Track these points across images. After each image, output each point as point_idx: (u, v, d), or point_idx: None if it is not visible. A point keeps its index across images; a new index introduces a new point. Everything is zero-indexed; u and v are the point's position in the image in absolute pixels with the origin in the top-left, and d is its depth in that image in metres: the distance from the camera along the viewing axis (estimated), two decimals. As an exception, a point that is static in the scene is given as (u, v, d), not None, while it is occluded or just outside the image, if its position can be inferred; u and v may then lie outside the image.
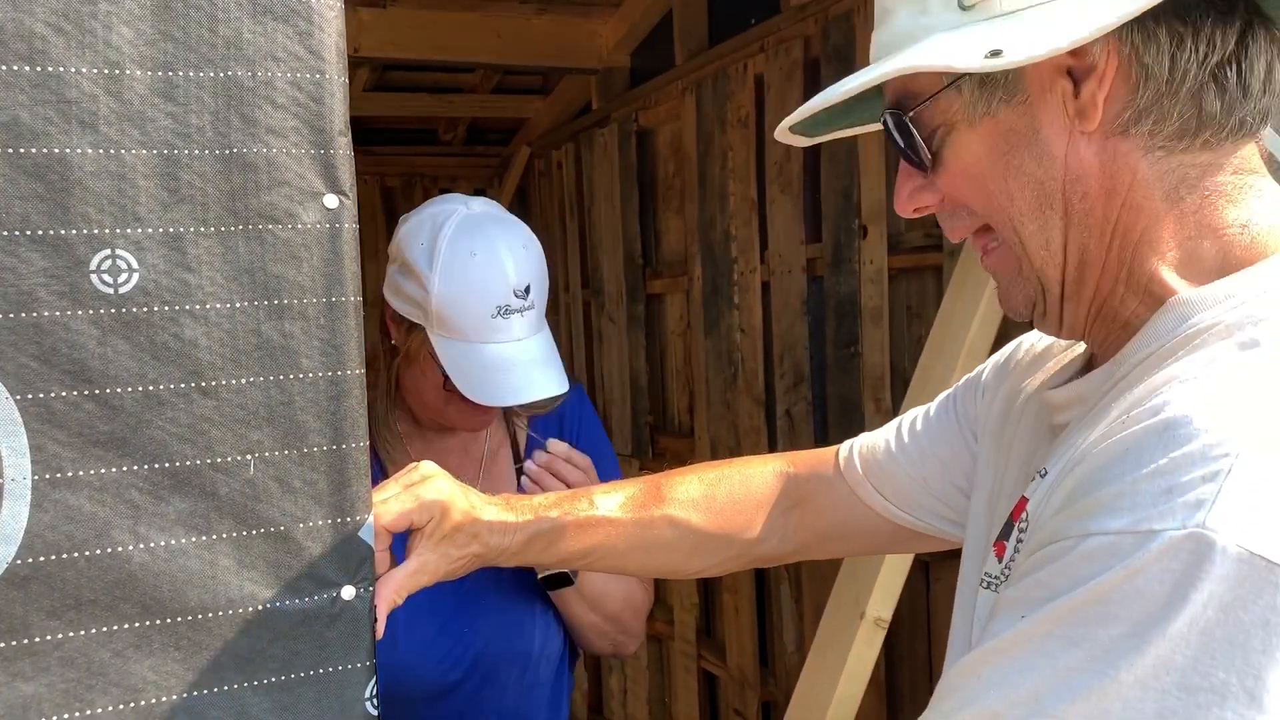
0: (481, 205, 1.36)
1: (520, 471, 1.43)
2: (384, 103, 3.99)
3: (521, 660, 1.41)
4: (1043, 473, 0.71)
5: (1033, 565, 0.61)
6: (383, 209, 4.90)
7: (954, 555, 2.34)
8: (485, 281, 1.28)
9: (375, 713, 0.87)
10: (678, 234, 3.27)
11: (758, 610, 2.92)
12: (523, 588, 1.41)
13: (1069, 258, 0.70)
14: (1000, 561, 0.74)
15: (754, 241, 2.77)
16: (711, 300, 3.00)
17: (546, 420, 1.49)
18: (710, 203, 2.95)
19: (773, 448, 2.78)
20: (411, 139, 4.70)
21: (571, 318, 4.00)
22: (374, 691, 0.87)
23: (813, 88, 2.50)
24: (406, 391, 1.42)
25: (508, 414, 1.48)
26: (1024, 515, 0.71)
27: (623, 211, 3.48)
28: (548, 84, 4.10)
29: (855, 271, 2.39)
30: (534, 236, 1.37)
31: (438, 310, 1.29)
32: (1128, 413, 0.61)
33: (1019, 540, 0.70)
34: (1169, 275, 0.69)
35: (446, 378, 1.31)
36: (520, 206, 4.74)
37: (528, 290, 1.30)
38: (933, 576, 2.29)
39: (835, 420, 2.53)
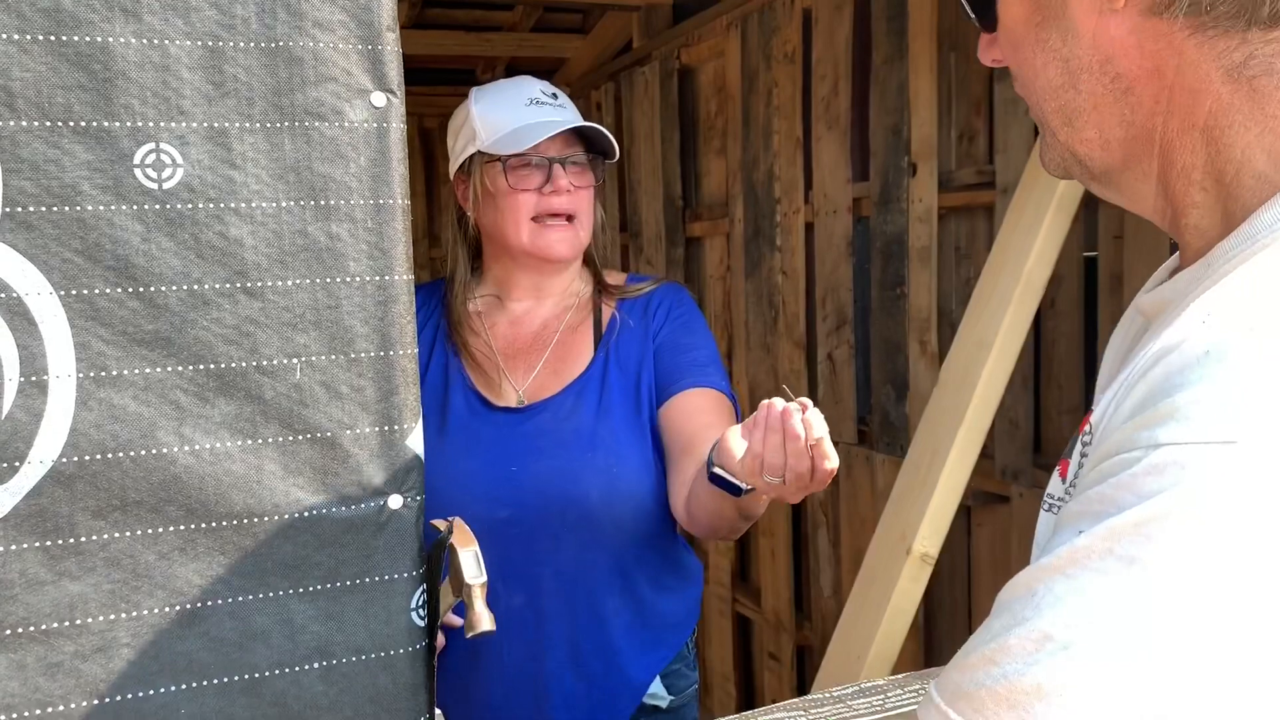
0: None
1: (599, 344, 1.50)
2: (422, 41, 3.94)
3: (576, 510, 1.40)
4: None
5: (1095, 478, 0.56)
6: (421, 151, 4.87)
7: (996, 500, 2.30)
8: (514, 89, 1.49)
9: (422, 623, 0.85)
10: (719, 175, 3.21)
11: (793, 554, 2.91)
12: (582, 439, 1.42)
13: (1110, 137, 0.66)
14: (1064, 481, 0.70)
15: (798, 181, 2.72)
16: (753, 242, 2.95)
17: (633, 303, 1.55)
18: (754, 141, 2.89)
19: (813, 391, 2.75)
20: (449, 79, 4.65)
21: (609, 261, 3.96)
22: (421, 601, 0.85)
23: (862, 21, 2.44)
24: (492, 247, 1.54)
25: (597, 294, 1.57)
26: (1088, 427, 0.66)
27: (663, 152, 3.43)
28: (587, 22, 4.03)
29: (903, 211, 2.34)
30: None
31: (480, 121, 1.47)
32: (1210, 311, 0.56)
33: (1083, 455, 0.66)
34: (1265, 164, 0.62)
35: (509, 180, 1.45)
36: (558, 149, 4.68)
37: (556, 96, 1.49)
38: (974, 521, 2.26)
39: (879, 364, 2.49)
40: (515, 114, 1.45)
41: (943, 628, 2.38)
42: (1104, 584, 0.52)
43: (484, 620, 0.98)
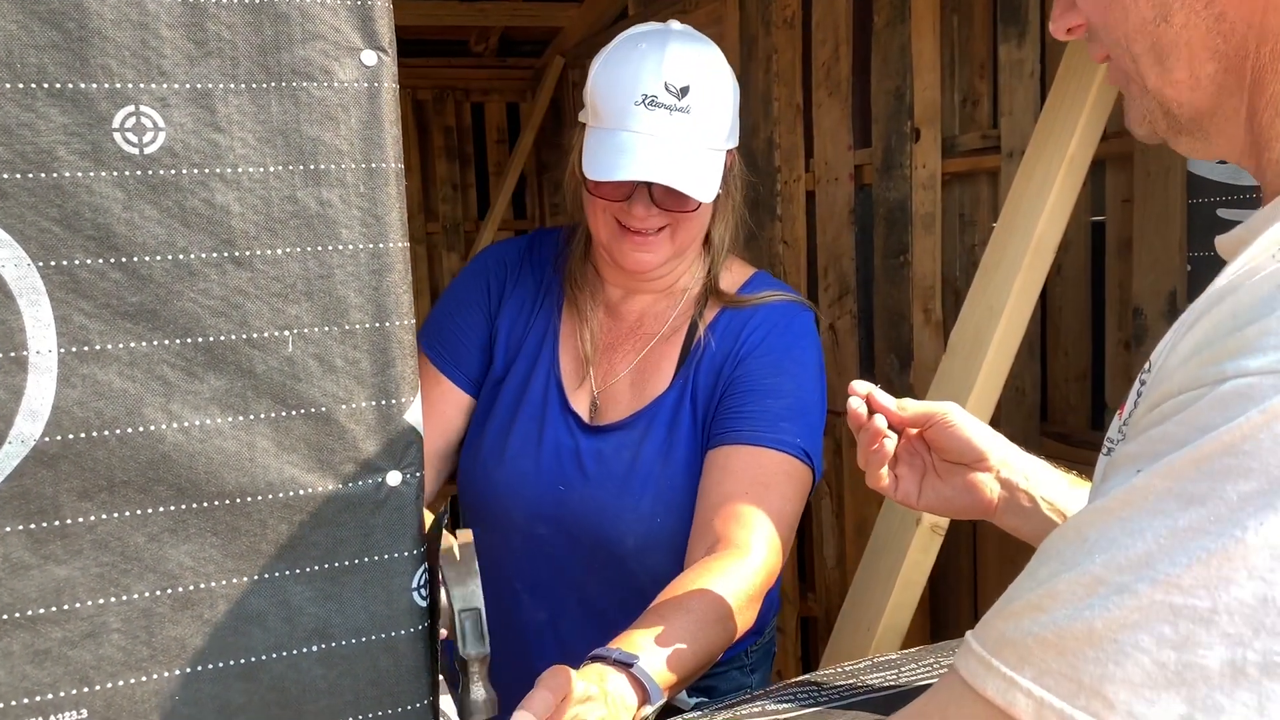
0: (680, 25, 1.33)
1: (683, 359, 1.33)
2: (415, 11, 3.88)
3: (606, 553, 1.30)
4: None
5: (1157, 418, 0.53)
6: (415, 123, 4.81)
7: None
8: (639, 68, 1.23)
9: (423, 603, 0.82)
10: (718, 144, 3.17)
11: (797, 525, 2.88)
12: (636, 478, 1.29)
13: (1200, 74, 0.63)
14: (1120, 421, 0.67)
15: (799, 149, 2.68)
16: (752, 212, 2.90)
17: (737, 316, 1.35)
18: (753, 109, 2.84)
19: (815, 362, 2.72)
20: (442, 50, 4.59)
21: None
22: (422, 580, 0.82)
23: (864, -17, 2.38)
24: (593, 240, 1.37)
25: (705, 293, 1.38)
26: (1147, 364, 0.62)
27: (660, 122, 3.38)
28: (582, -9, 3.97)
29: (906, 177, 2.30)
30: (725, 62, 1.31)
31: (590, 96, 1.27)
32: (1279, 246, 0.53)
33: (1139, 394, 0.63)
34: None
35: (587, 184, 1.26)
36: (554, 120, 4.63)
37: (685, 91, 1.22)
38: (981, 491, 2.23)
39: (882, 333, 2.46)
40: (619, 113, 1.22)
41: (948, 598, 2.36)
42: (1163, 525, 0.49)
43: (481, 707, 0.80)
